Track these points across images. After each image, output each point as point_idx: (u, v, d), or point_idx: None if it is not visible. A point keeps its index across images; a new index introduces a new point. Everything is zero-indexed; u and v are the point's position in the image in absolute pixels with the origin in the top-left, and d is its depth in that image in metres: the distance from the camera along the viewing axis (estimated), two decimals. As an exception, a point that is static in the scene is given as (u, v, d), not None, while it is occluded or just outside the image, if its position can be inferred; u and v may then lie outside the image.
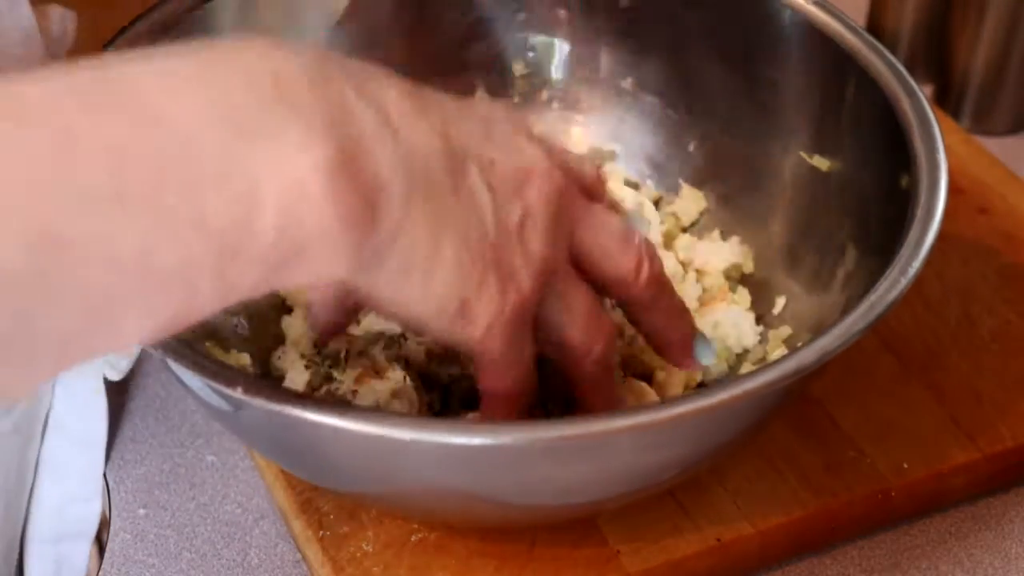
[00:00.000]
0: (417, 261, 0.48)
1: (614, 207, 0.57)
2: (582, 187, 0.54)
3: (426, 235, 0.47)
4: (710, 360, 0.60)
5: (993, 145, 0.87)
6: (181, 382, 0.58)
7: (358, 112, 0.45)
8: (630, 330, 0.69)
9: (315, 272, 0.45)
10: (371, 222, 0.45)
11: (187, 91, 0.42)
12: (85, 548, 0.66)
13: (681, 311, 0.59)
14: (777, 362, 0.53)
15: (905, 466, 0.66)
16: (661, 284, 0.56)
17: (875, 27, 0.93)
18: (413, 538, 0.63)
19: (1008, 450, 0.67)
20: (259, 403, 0.51)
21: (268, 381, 0.63)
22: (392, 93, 0.47)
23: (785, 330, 0.69)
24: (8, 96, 0.40)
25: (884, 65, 0.65)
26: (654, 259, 0.56)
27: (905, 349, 0.72)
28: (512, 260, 0.50)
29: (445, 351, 0.64)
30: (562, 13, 0.76)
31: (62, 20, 0.65)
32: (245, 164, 0.42)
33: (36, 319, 0.40)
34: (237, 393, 0.51)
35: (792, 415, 0.67)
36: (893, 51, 0.67)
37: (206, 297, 0.43)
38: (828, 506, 0.65)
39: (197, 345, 0.57)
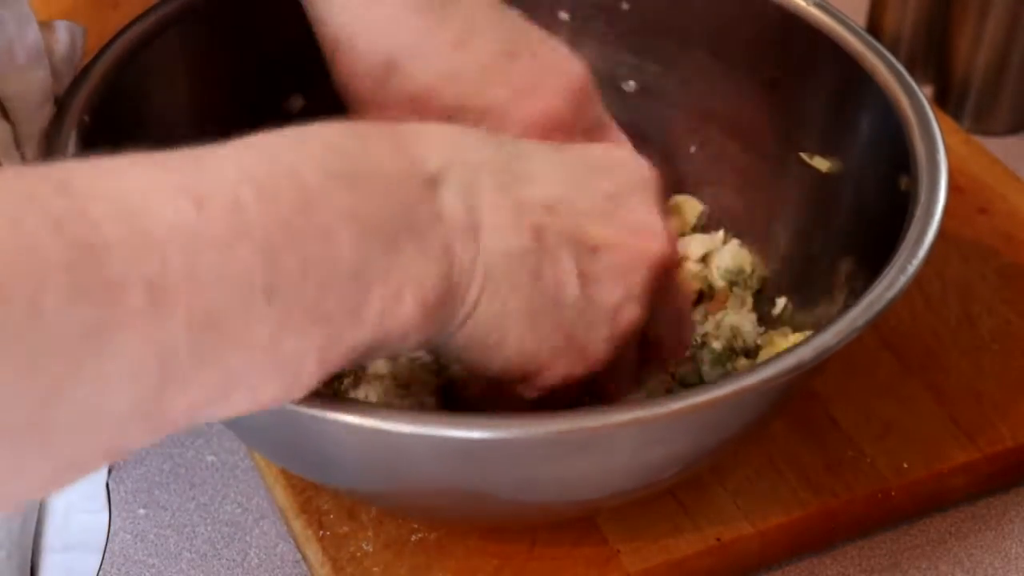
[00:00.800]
0: (481, 339, 0.51)
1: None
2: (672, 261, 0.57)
3: (493, 319, 0.50)
4: None
5: (993, 145, 0.87)
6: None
7: (452, 217, 0.48)
8: None
9: (390, 353, 0.51)
10: (444, 317, 0.49)
11: (337, 193, 0.45)
12: (94, 559, 0.66)
13: (686, 322, 0.62)
14: (776, 358, 0.53)
15: (905, 466, 0.66)
16: (683, 316, 0.61)
17: (875, 27, 0.93)
18: (413, 538, 0.63)
19: (1008, 450, 0.67)
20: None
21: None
22: (487, 189, 0.50)
23: (786, 330, 0.69)
24: (188, 178, 0.43)
25: (884, 66, 0.65)
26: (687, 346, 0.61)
27: (905, 349, 0.72)
28: (590, 341, 0.53)
29: None
30: (563, 15, 0.76)
31: (70, 35, 0.65)
32: (365, 270, 0.46)
33: (174, 390, 0.42)
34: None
35: (792, 415, 0.67)
36: (893, 51, 0.67)
37: (306, 377, 0.46)
38: (828, 506, 0.65)
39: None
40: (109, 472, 0.68)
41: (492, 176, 0.50)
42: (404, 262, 0.46)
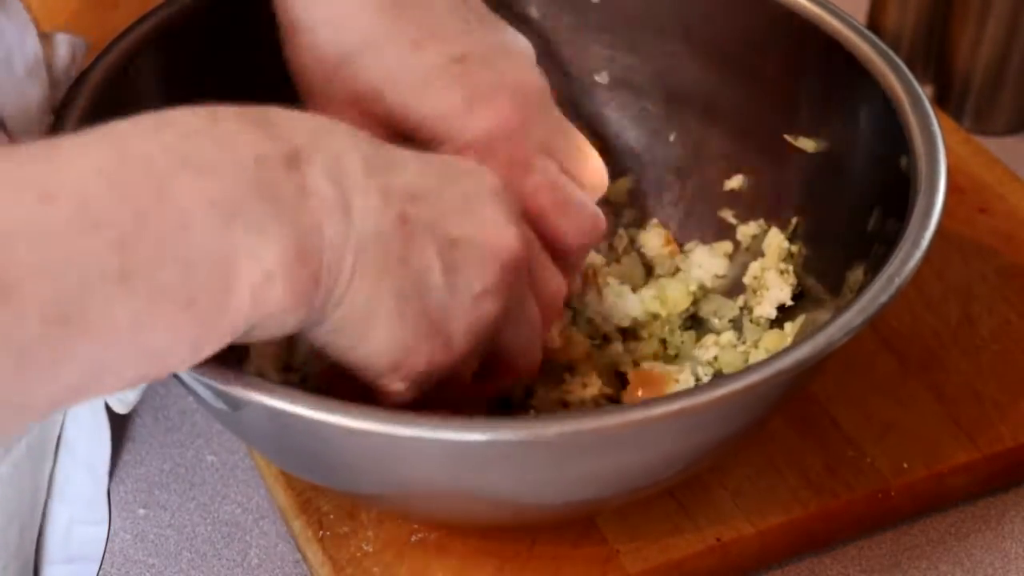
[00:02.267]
0: (352, 326, 0.51)
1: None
2: (550, 248, 0.59)
3: (364, 305, 0.50)
4: None
5: (993, 145, 0.87)
6: (181, 381, 0.58)
7: (320, 192, 0.48)
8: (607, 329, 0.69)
9: (268, 335, 0.49)
10: (317, 298, 0.49)
11: (192, 174, 0.46)
12: (93, 571, 0.66)
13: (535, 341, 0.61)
14: (774, 358, 0.53)
15: (905, 466, 0.66)
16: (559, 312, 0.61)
17: (875, 27, 0.93)
18: (413, 538, 0.63)
19: (1008, 450, 0.67)
20: (259, 401, 0.51)
21: (267, 380, 0.63)
22: (354, 170, 0.50)
23: (789, 327, 0.69)
24: (37, 171, 0.43)
25: (885, 64, 0.65)
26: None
27: (905, 349, 0.72)
28: (451, 329, 0.53)
29: None
30: (532, 10, 0.75)
31: (71, 48, 0.65)
32: (230, 253, 0.46)
33: (34, 383, 0.43)
34: (237, 391, 0.51)
35: (792, 415, 0.67)
36: (893, 51, 0.67)
37: (176, 362, 0.47)
38: (828, 506, 0.65)
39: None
40: (110, 478, 0.68)
41: (360, 159, 0.50)
42: (271, 242, 0.47)
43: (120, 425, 0.70)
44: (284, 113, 0.50)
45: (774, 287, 0.69)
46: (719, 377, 0.53)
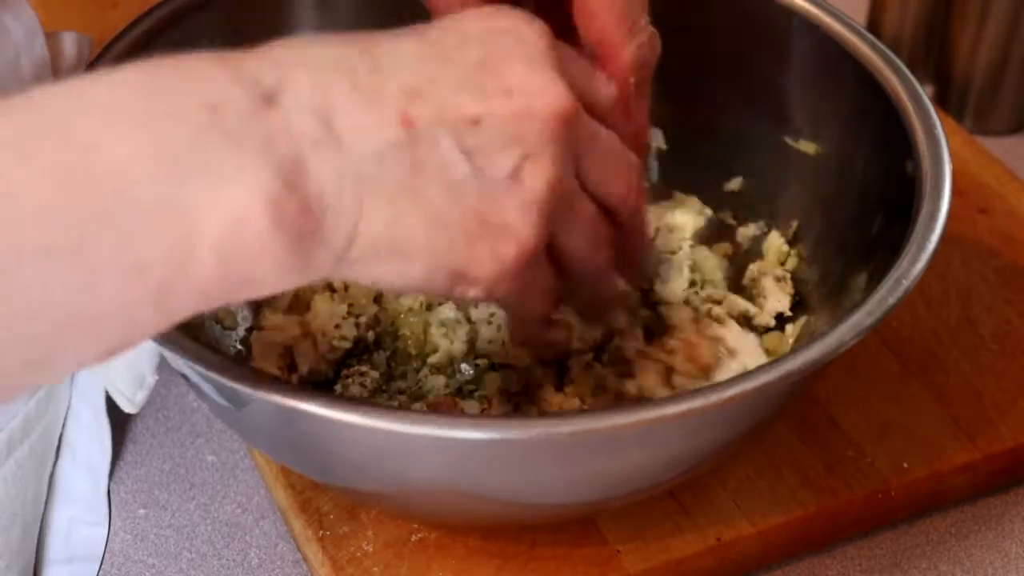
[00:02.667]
0: (387, 253, 0.47)
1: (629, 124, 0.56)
2: (589, 103, 0.52)
3: (387, 228, 0.47)
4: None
5: (993, 145, 0.87)
6: (184, 378, 0.58)
7: (298, 128, 0.45)
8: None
9: (270, 289, 0.46)
10: (320, 238, 0.45)
11: (122, 131, 0.43)
12: (94, 570, 0.66)
13: (644, 234, 0.58)
14: (784, 359, 0.53)
15: (905, 466, 0.66)
16: (639, 212, 0.56)
17: (875, 27, 0.93)
18: (413, 538, 0.63)
19: (1008, 450, 0.67)
20: (263, 397, 0.51)
21: (271, 375, 0.63)
22: (339, 93, 0.46)
23: (790, 329, 0.69)
24: None
25: (887, 67, 0.65)
26: (641, 191, 0.55)
27: (905, 349, 0.72)
28: (505, 215, 0.49)
29: None
30: (532, 10, 0.75)
31: (77, 47, 0.65)
32: (181, 204, 0.43)
33: None
34: (242, 388, 0.51)
35: (792, 415, 0.67)
36: (893, 52, 0.67)
37: (148, 326, 0.44)
38: (828, 506, 0.65)
39: (201, 333, 0.58)
40: (110, 478, 0.68)
41: (343, 77, 0.46)
42: (233, 185, 0.43)
43: (120, 425, 0.70)
44: (260, 52, 0.46)
45: (772, 296, 0.69)
46: (730, 379, 0.53)
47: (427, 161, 0.47)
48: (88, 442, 0.68)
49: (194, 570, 0.64)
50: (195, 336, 0.54)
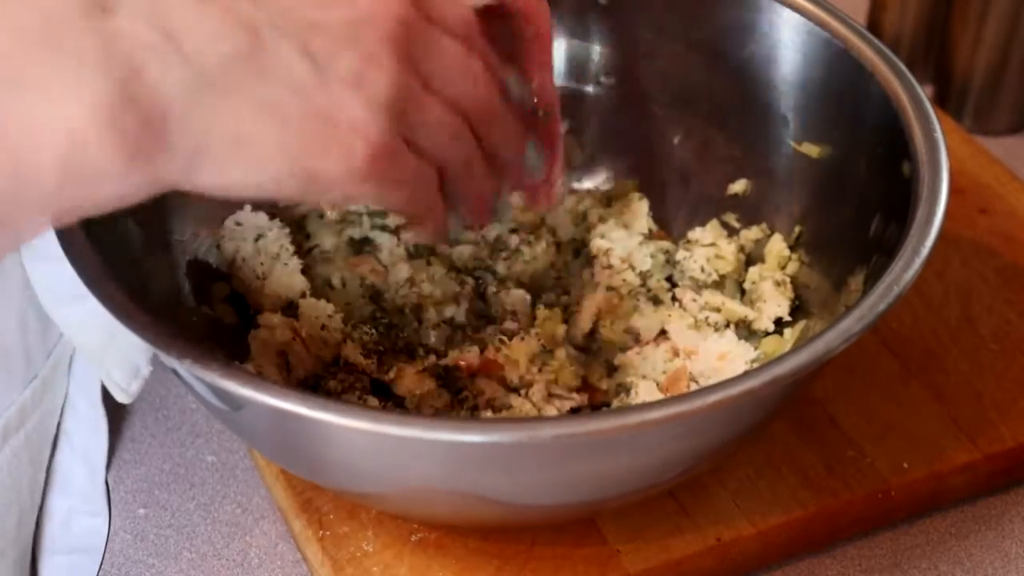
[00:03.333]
0: (235, 155, 0.47)
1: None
2: (438, 17, 0.53)
3: (234, 133, 0.47)
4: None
5: (993, 145, 0.87)
6: (182, 380, 0.58)
7: (133, 36, 0.44)
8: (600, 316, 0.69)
9: (119, 203, 0.46)
10: (164, 146, 0.45)
11: None
12: (94, 562, 0.66)
13: (514, 136, 0.58)
14: (772, 363, 0.53)
15: (905, 466, 0.66)
16: (492, 112, 0.56)
17: (875, 28, 0.93)
18: (413, 538, 0.63)
19: (1008, 450, 0.67)
20: (259, 400, 0.51)
21: (269, 379, 0.63)
22: (188, 3, 0.46)
23: (788, 333, 0.69)
24: None
25: (887, 68, 0.65)
26: (490, 87, 0.55)
27: (905, 349, 0.72)
28: (351, 114, 0.49)
29: None
30: None
31: None
32: (11, 121, 0.42)
33: None
34: (237, 390, 0.51)
35: (792, 415, 0.67)
36: (893, 51, 0.67)
37: None
38: (828, 506, 0.65)
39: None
40: (108, 471, 0.68)
41: None
42: (69, 99, 0.43)
43: (120, 424, 0.71)
44: None
45: (771, 300, 0.69)
46: (719, 383, 0.53)
47: (269, 65, 0.48)
48: (85, 432, 0.68)
49: (194, 570, 0.64)
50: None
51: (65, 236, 0.57)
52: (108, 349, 0.65)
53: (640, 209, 0.74)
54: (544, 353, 0.67)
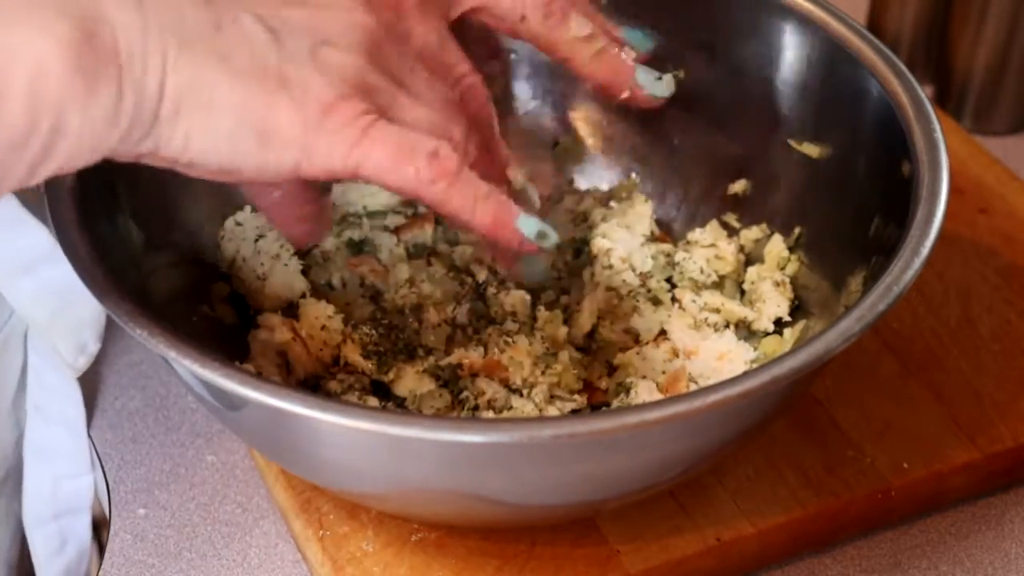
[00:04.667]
0: (194, 106, 0.49)
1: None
2: (402, 36, 0.55)
3: (192, 80, 0.49)
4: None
5: (993, 145, 0.87)
6: (182, 380, 0.58)
7: None
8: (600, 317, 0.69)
9: (87, 146, 0.47)
10: (120, 84, 0.47)
11: None
12: (85, 520, 0.66)
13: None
14: (771, 364, 0.53)
15: (905, 466, 0.66)
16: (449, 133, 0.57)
17: (875, 27, 0.93)
18: (413, 538, 0.63)
19: (1008, 450, 0.67)
20: (259, 400, 0.51)
21: (269, 379, 0.63)
22: None
23: (788, 333, 0.69)
24: None
25: (888, 68, 0.65)
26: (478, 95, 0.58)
27: (905, 349, 0.72)
28: (305, 75, 0.51)
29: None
30: None
31: None
32: None
33: None
34: (237, 390, 0.51)
35: (792, 415, 0.67)
36: (893, 51, 0.67)
37: None
38: (828, 506, 0.65)
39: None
40: (89, 426, 0.68)
41: None
42: (32, 39, 0.45)
43: (120, 424, 0.70)
44: None
45: (771, 301, 0.69)
46: (719, 383, 0.53)
47: (229, 27, 0.50)
48: (60, 401, 0.68)
49: (194, 570, 0.65)
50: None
51: (65, 236, 0.57)
52: (56, 323, 0.65)
53: (645, 212, 0.74)
54: (547, 355, 0.67)
